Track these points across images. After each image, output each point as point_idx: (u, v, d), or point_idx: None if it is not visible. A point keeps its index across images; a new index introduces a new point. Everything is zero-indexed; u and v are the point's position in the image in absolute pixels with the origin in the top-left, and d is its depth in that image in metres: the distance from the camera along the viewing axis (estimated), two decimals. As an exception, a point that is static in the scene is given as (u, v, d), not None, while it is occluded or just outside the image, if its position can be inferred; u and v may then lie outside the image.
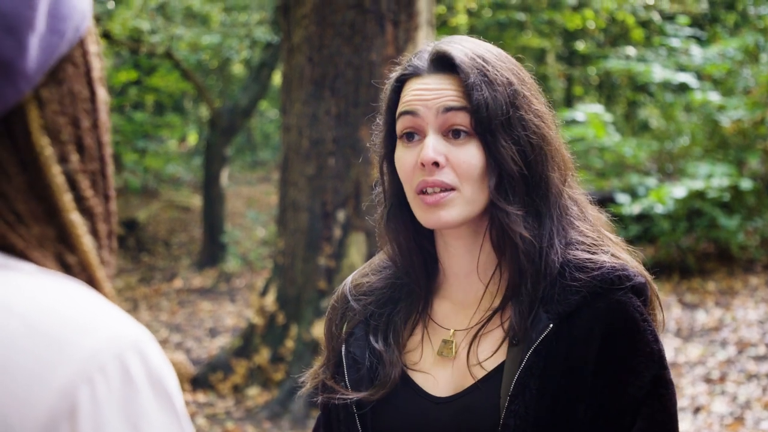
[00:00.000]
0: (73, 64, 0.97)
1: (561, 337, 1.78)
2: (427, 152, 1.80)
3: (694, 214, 10.24)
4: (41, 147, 0.93)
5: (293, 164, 7.38)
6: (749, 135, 10.67)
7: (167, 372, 0.92)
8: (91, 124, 0.98)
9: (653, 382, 1.79)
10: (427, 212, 1.83)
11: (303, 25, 7.24)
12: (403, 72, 1.90)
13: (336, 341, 2.00)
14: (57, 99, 0.95)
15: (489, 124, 1.79)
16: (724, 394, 6.96)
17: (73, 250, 0.95)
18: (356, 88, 7.10)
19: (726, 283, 9.67)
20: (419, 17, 7.14)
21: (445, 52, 1.85)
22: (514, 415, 1.75)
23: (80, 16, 0.97)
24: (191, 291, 12.42)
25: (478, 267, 1.91)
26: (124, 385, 0.88)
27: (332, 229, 7.18)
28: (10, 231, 0.92)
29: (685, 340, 8.24)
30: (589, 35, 15.74)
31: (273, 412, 7.11)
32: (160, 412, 0.90)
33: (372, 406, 1.90)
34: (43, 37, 0.92)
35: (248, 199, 17.65)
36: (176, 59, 13.70)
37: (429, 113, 1.83)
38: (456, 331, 1.92)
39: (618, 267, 1.81)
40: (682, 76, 11.40)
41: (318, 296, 7.27)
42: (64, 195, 0.94)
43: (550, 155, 1.85)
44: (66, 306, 0.89)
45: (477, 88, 1.80)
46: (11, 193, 0.92)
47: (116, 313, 0.92)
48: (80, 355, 0.87)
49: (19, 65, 0.90)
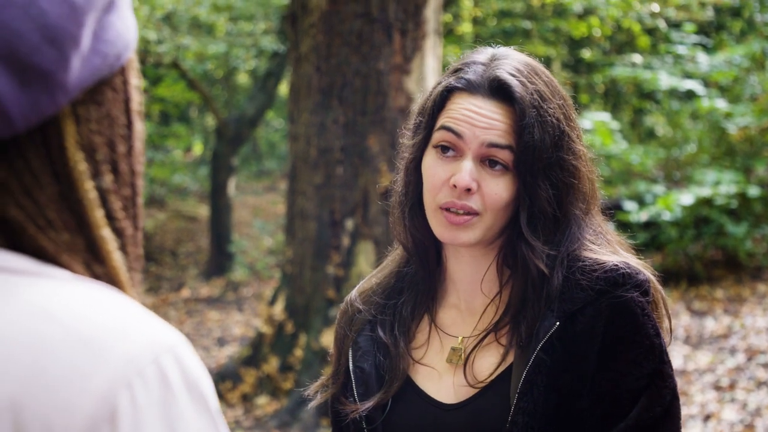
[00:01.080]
0: (113, 89, 1.00)
1: (566, 335, 1.80)
2: (464, 177, 1.81)
3: (701, 222, 10.23)
4: (75, 161, 0.95)
5: (301, 173, 7.39)
6: (756, 142, 10.66)
7: (203, 376, 0.94)
8: (127, 151, 1.01)
9: (652, 375, 1.80)
10: (448, 230, 1.85)
11: (311, 34, 7.26)
12: (455, 84, 1.89)
13: (345, 348, 2.02)
14: (95, 119, 0.98)
15: (532, 165, 1.81)
16: (734, 401, 6.95)
17: (102, 262, 0.97)
18: (364, 97, 7.11)
19: (734, 291, 9.66)
20: (427, 26, 7.15)
21: (505, 82, 1.84)
22: (522, 411, 1.78)
23: (124, 44, 1.00)
24: (199, 300, 12.43)
25: (483, 281, 1.94)
26: (162, 389, 0.90)
27: (340, 237, 7.19)
28: (40, 234, 0.94)
29: (694, 347, 8.23)
30: (595, 43, 15.75)
31: (282, 421, 7.11)
32: (197, 416, 0.92)
33: (382, 419, 1.92)
34: (85, 55, 0.95)
35: (254, 209, 17.67)
36: (183, 69, 13.73)
37: (473, 140, 1.83)
38: (464, 339, 1.94)
39: (621, 266, 1.83)
40: (689, 83, 11.40)
41: (326, 305, 7.27)
42: (95, 210, 0.97)
43: (580, 192, 1.88)
44: (103, 312, 0.91)
45: (528, 130, 1.81)
46: (43, 200, 0.94)
47: (152, 319, 0.94)
48: (119, 360, 0.89)
49: (59, 78, 0.92)
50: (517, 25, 14.74)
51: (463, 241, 1.85)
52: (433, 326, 1.98)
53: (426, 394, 1.92)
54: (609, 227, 2.01)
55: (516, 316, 1.86)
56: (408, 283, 2.01)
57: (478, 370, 1.88)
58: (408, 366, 1.95)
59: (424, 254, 1.97)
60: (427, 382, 1.93)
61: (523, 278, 1.86)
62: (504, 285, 1.92)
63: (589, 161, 1.93)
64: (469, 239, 1.85)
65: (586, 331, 1.79)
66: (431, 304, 1.99)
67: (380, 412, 1.92)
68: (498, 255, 1.91)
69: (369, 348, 1.97)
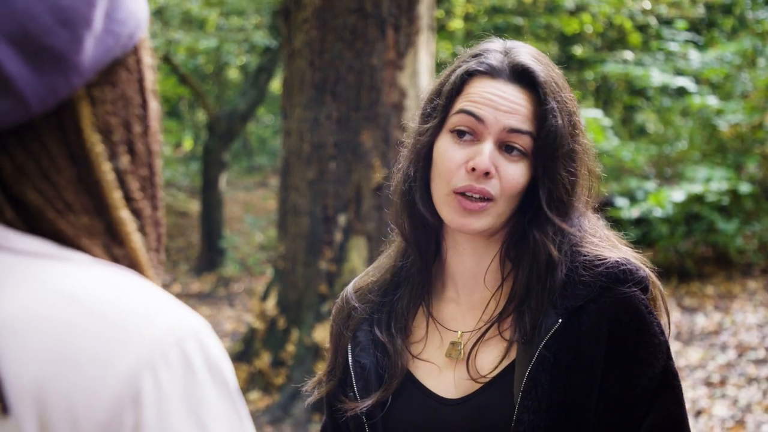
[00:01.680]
0: (127, 69, 1.00)
1: (570, 332, 1.80)
2: (484, 160, 1.80)
3: (692, 218, 10.26)
4: (92, 143, 0.95)
5: (294, 169, 7.39)
6: (747, 139, 10.69)
7: (224, 360, 0.95)
8: (143, 131, 1.01)
9: (663, 372, 1.81)
10: (460, 215, 1.83)
11: (304, 29, 7.25)
12: (477, 68, 1.87)
13: (342, 344, 2.00)
14: (110, 100, 0.97)
15: (554, 151, 1.82)
16: (725, 397, 6.97)
17: (121, 243, 0.98)
18: (357, 92, 7.11)
19: (725, 287, 9.69)
20: (420, 21, 7.15)
21: (528, 67, 1.84)
22: (527, 410, 1.77)
23: (136, 23, 0.99)
24: (190, 296, 12.42)
25: (486, 275, 1.93)
26: (185, 372, 0.90)
27: (333, 233, 7.19)
28: (59, 218, 0.94)
29: (685, 343, 8.25)
30: (587, 39, 15.76)
31: (274, 417, 7.11)
32: (218, 399, 0.92)
33: (382, 414, 1.91)
34: (98, 36, 0.94)
35: (246, 204, 17.65)
36: (174, 64, 13.70)
37: (495, 124, 1.82)
38: (463, 333, 1.93)
39: (623, 262, 1.84)
40: (680, 80, 11.42)
41: (319, 300, 7.27)
42: (113, 192, 0.97)
43: (585, 184, 1.90)
44: (126, 295, 0.92)
45: (552, 114, 1.81)
46: (61, 184, 0.94)
47: (174, 303, 0.94)
48: (143, 343, 0.89)
49: (73, 59, 0.92)
50: (509, 22, 14.74)
51: (475, 227, 1.83)
52: (431, 320, 1.96)
53: (427, 389, 1.91)
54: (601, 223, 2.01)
55: (519, 308, 1.85)
56: (404, 277, 1.99)
57: (480, 364, 1.87)
58: (407, 362, 1.94)
59: (424, 244, 1.95)
60: (428, 377, 1.92)
61: (529, 268, 1.85)
62: (505, 278, 1.91)
63: (593, 155, 1.94)
64: (480, 225, 1.83)
65: (591, 329, 1.79)
66: (427, 297, 1.98)
67: (380, 408, 1.91)
68: (502, 247, 1.90)
69: (368, 343, 1.96)
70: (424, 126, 1.92)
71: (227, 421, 0.92)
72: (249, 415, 0.97)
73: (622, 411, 1.79)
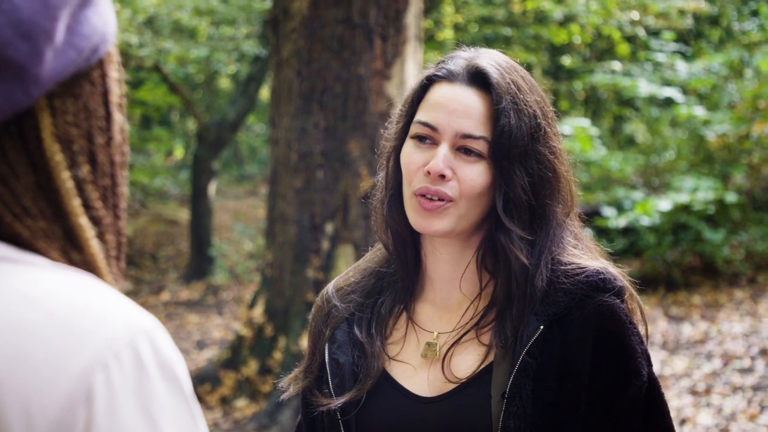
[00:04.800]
0: (90, 82, 1.02)
1: (553, 339, 1.82)
2: (437, 163, 1.84)
3: (679, 228, 10.29)
4: (51, 152, 0.98)
5: (282, 177, 7.41)
6: (734, 149, 10.74)
7: (176, 358, 0.97)
8: (105, 142, 1.03)
9: (648, 379, 1.85)
10: (421, 216, 1.87)
11: (292, 39, 7.28)
12: (436, 73, 1.92)
13: (320, 342, 2.02)
14: (71, 111, 1.00)
15: (508, 151, 1.84)
16: (710, 406, 7.00)
17: (79, 249, 1.00)
18: (344, 101, 7.14)
19: (711, 297, 9.73)
20: (407, 31, 7.19)
21: (483, 69, 1.87)
22: (513, 416, 1.79)
23: (100, 38, 1.02)
24: (179, 304, 12.41)
25: (461, 280, 1.95)
26: (136, 371, 0.93)
27: (320, 241, 7.21)
28: (16, 221, 0.96)
29: (671, 352, 8.28)
30: (575, 50, 15.82)
31: (261, 424, 7.12)
32: (170, 397, 0.94)
33: (356, 411, 1.93)
34: (59, 49, 0.97)
35: (235, 213, 17.65)
36: (164, 73, 13.71)
37: (448, 129, 1.86)
38: (440, 334, 1.95)
39: (601, 270, 1.87)
40: (668, 90, 11.47)
41: (306, 308, 7.28)
42: (72, 199, 0.99)
43: (557, 189, 1.91)
44: (81, 297, 0.94)
45: (505, 114, 1.84)
46: (19, 189, 0.96)
47: (128, 304, 0.96)
48: (96, 344, 0.92)
49: (32, 71, 0.94)
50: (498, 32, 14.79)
51: (437, 228, 1.86)
52: (410, 323, 1.99)
53: (402, 387, 1.93)
54: (586, 234, 2.03)
55: (501, 314, 1.87)
56: (387, 283, 2.02)
57: (456, 366, 1.89)
58: (383, 363, 1.96)
59: (403, 252, 1.98)
60: (403, 377, 1.94)
61: (506, 275, 1.87)
62: (484, 288, 1.93)
63: (567, 162, 1.95)
64: (442, 227, 1.86)
65: (575, 338, 1.81)
66: (409, 302, 2.00)
67: (354, 406, 1.93)
68: (476, 253, 1.93)
69: (345, 342, 1.98)
70: (390, 133, 1.98)
71: (178, 415, 0.94)
72: (202, 413, 1.00)
73: (612, 422, 1.82)
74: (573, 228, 1.97)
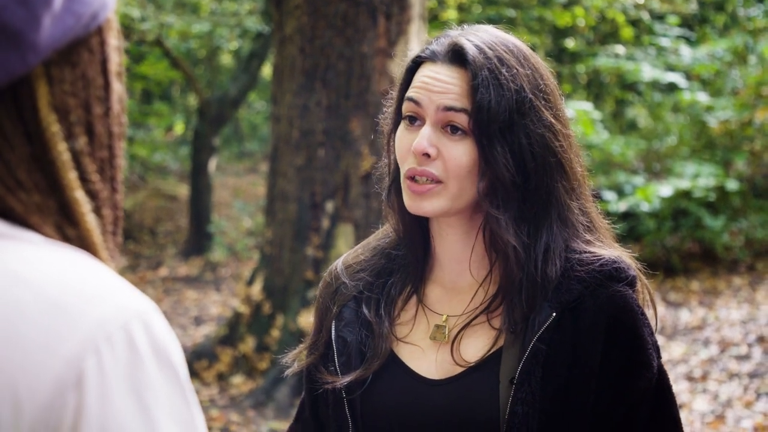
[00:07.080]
0: (89, 50, 0.98)
1: (565, 327, 1.80)
2: (421, 142, 1.82)
3: (679, 214, 10.29)
4: (48, 122, 0.94)
5: (283, 155, 7.39)
6: (736, 136, 10.73)
7: (171, 342, 0.94)
8: (103, 113, 0.99)
9: (658, 371, 1.85)
10: (411, 199, 1.86)
11: (295, 15, 7.25)
12: (420, 54, 1.91)
13: (327, 319, 2.00)
14: (69, 80, 0.96)
15: (487, 127, 1.79)
16: (706, 392, 7.01)
17: (74, 224, 0.96)
18: (347, 79, 7.11)
19: (710, 283, 9.73)
20: (411, 10, 7.15)
21: (461, 47, 1.84)
22: (521, 402, 1.77)
23: (100, 4, 0.98)
24: (177, 279, 12.41)
25: (471, 262, 1.93)
26: (129, 355, 0.89)
27: (320, 220, 7.20)
28: (9, 195, 0.93)
29: (669, 338, 8.29)
30: (579, 33, 15.77)
31: (257, 401, 7.13)
32: (164, 382, 0.91)
33: (362, 390, 1.91)
34: (57, 15, 0.93)
35: (235, 190, 17.63)
36: (166, 47, 13.66)
37: (430, 105, 1.84)
38: (449, 317, 1.94)
39: (617, 259, 1.85)
40: (671, 75, 11.44)
41: (305, 286, 7.28)
42: (68, 172, 0.95)
43: (554, 167, 1.85)
44: (74, 276, 0.90)
45: (482, 89, 1.80)
46: (13, 161, 0.93)
47: (122, 285, 0.93)
48: (88, 326, 0.88)
49: (29, 37, 0.91)
50: (502, 13, 14.74)
51: (427, 210, 1.84)
52: (420, 305, 1.97)
53: (409, 369, 1.91)
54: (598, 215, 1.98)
55: (509, 299, 1.85)
56: (398, 265, 2.00)
57: (465, 350, 1.88)
58: (391, 344, 1.94)
59: (412, 235, 1.96)
60: (411, 358, 1.92)
61: (503, 257, 1.85)
62: (493, 267, 1.91)
63: (569, 138, 1.91)
64: (433, 208, 1.84)
65: (588, 326, 1.80)
66: (420, 284, 1.98)
67: (359, 385, 1.92)
68: (480, 233, 1.90)
69: (353, 320, 1.96)
70: (386, 117, 1.99)
71: (172, 403, 0.91)
72: (197, 398, 0.96)
73: (622, 412, 1.81)
74: (585, 208, 1.92)
